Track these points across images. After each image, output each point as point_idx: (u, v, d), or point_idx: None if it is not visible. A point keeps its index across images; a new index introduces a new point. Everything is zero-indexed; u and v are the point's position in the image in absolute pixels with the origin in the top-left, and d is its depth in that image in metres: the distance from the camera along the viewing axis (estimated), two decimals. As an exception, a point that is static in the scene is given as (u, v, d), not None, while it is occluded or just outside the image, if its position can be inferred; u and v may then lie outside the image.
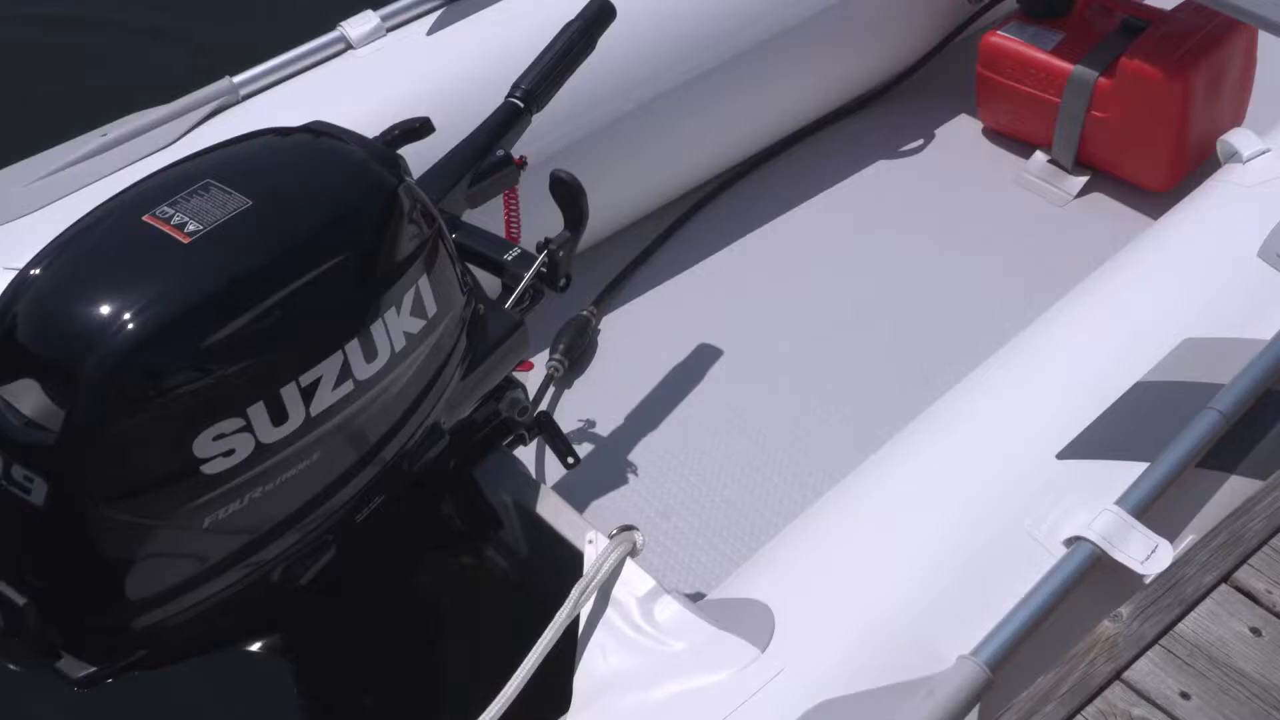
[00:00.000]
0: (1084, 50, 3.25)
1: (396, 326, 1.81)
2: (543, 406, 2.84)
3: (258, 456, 1.70)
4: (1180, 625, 1.88)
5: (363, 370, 1.77)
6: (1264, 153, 2.54)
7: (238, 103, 2.80)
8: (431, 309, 1.88)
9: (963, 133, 3.53)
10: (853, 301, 3.09)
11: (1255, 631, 1.87)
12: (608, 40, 2.58)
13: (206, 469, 1.67)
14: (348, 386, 1.76)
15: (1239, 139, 2.59)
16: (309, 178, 1.83)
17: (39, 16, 4.61)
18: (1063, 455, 2.07)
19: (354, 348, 1.76)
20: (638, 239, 3.24)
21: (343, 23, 2.93)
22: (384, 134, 2.19)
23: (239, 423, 1.67)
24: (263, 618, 1.96)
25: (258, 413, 1.68)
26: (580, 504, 2.64)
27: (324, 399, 1.74)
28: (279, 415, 1.70)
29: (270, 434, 1.70)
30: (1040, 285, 2.77)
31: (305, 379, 1.71)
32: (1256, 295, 2.29)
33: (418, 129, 2.22)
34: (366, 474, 1.88)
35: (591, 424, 2.82)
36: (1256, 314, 2.25)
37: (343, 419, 1.78)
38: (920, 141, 3.51)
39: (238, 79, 2.81)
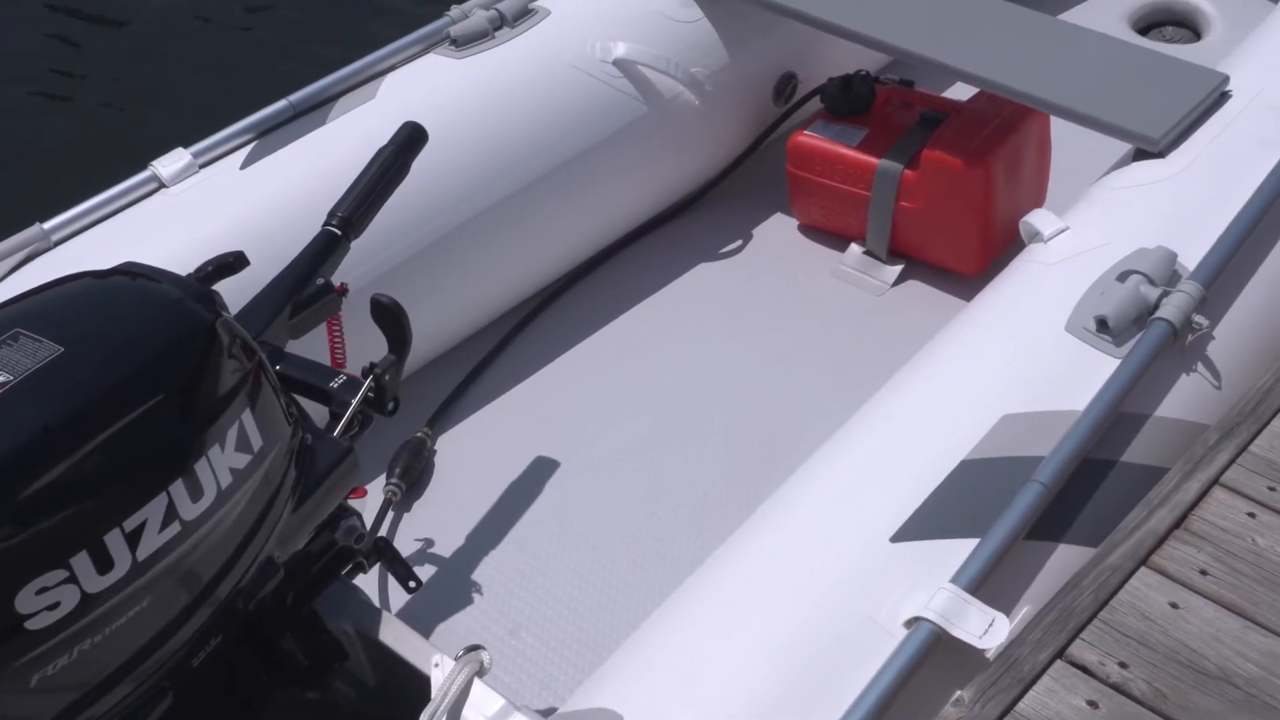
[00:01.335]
0: (888, 144, 3.34)
1: (221, 463, 1.78)
2: (383, 532, 2.80)
3: (84, 608, 1.65)
4: (1020, 704, 1.91)
5: (189, 510, 1.74)
6: (1063, 231, 2.62)
7: (50, 249, 2.75)
8: (257, 443, 1.85)
9: (779, 230, 3.61)
10: (685, 401, 3.12)
11: (1092, 704, 1.91)
12: (422, 162, 2.60)
13: (30, 624, 1.61)
14: (174, 528, 1.72)
15: (1039, 219, 2.67)
16: (122, 320, 1.80)
17: None
18: (897, 538, 2.10)
19: (178, 488, 1.72)
20: (469, 357, 3.24)
21: (154, 162, 2.90)
22: (198, 270, 2.17)
23: (62, 574, 1.62)
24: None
25: (81, 562, 1.63)
26: (428, 627, 2.62)
27: (150, 543, 1.70)
28: (104, 563, 1.65)
29: (96, 583, 1.65)
30: (865, 372, 2.83)
31: (129, 524, 1.67)
32: (1068, 367, 2.36)
33: (231, 264, 2.20)
34: (200, 616, 1.83)
35: (433, 545, 2.80)
36: (1069, 386, 2.32)
37: (171, 561, 1.73)
38: (739, 242, 3.57)
39: (48, 224, 2.76)
